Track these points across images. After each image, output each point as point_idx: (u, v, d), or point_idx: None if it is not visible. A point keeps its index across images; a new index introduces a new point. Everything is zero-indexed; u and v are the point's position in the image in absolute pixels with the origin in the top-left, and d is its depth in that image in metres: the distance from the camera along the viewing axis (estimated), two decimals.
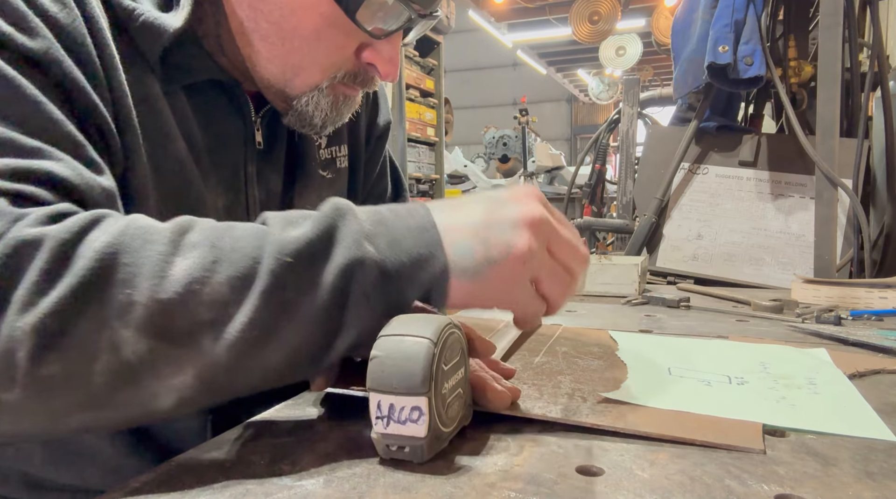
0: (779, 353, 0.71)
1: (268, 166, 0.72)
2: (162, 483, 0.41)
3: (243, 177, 0.69)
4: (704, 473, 0.42)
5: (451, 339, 0.45)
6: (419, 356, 0.42)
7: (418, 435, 0.42)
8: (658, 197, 1.59)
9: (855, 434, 0.48)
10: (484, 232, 0.50)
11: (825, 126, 1.30)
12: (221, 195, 0.67)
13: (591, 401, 0.53)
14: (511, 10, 8.09)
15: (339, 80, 0.64)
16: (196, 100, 0.64)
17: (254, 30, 0.62)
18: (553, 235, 0.52)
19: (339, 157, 0.81)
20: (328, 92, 0.65)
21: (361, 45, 0.63)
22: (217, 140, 0.66)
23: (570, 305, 1.08)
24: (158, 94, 0.60)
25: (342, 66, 0.64)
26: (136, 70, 0.59)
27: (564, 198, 3.41)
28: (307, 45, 0.61)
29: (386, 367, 0.43)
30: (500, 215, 0.51)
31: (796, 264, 1.43)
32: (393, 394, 0.42)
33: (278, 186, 0.74)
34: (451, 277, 0.48)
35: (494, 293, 0.50)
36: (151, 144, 0.59)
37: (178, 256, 0.43)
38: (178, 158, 0.62)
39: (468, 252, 0.49)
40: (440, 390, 0.44)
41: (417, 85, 3.57)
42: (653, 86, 9.84)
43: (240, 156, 0.69)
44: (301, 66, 0.63)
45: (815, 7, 1.60)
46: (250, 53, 0.63)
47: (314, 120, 0.66)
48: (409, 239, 0.48)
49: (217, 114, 0.66)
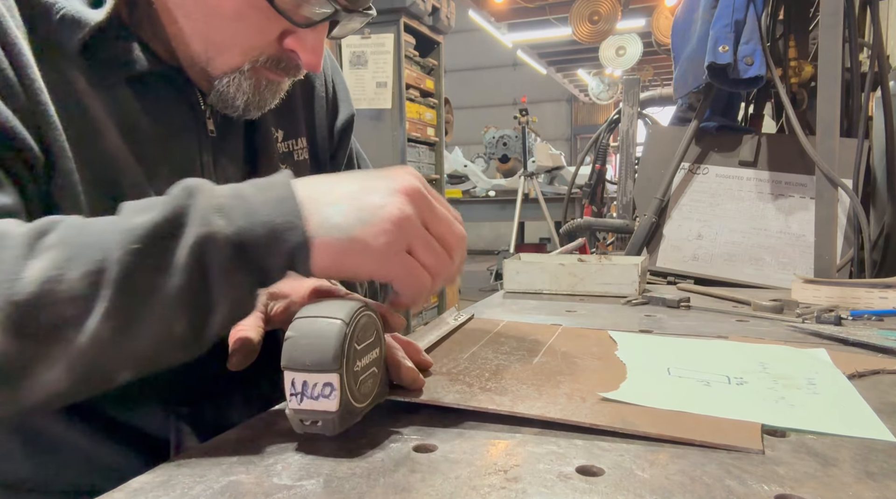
0: (778, 353, 0.71)
1: (224, 156, 0.72)
2: (162, 483, 0.41)
3: (199, 166, 0.69)
4: (704, 473, 0.42)
5: (364, 320, 0.48)
6: (331, 335, 0.45)
7: (330, 409, 0.45)
8: (658, 197, 1.59)
9: (854, 434, 0.48)
10: (357, 196, 0.50)
11: (825, 126, 1.29)
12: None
13: (590, 401, 0.53)
14: (511, 10, 8.09)
15: (262, 64, 0.65)
16: (141, 92, 0.65)
17: (179, 6, 0.63)
18: (429, 207, 0.52)
19: (296, 150, 0.81)
20: (250, 75, 0.65)
21: (285, 32, 0.64)
22: (168, 129, 0.66)
23: (569, 304, 1.08)
24: (84, 89, 0.60)
25: (264, 50, 0.64)
26: (55, 66, 0.59)
27: (564, 198, 3.41)
28: (228, 24, 0.62)
29: (299, 346, 0.46)
30: (375, 184, 0.52)
31: (796, 264, 1.43)
32: (306, 371, 0.45)
33: (237, 175, 0.74)
34: (315, 244, 0.49)
35: (366, 259, 0.50)
36: (78, 138, 0.60)
37: (32, 259, 0.45)
38: (109, 152, 0.62)
39: (339, 212, 0.49)
40: (352, 368, 0.47)
41: (417, 85, 3.57)
42: (653, 86, 9.84)
43: (193, 145, 0.69)
44: (223, 46, 0.64)
45: (815, 7, 1.60)
46: (175, 31, 0.64)
47: (236, 101, 0.66)
48: (265, 209, 0.49)
49: (165, 104, 0.67)
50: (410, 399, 0.53)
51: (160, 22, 0.65)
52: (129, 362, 0.48)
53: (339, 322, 0.46)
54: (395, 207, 0.50)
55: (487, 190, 5.90)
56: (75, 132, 0.59)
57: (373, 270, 0.51)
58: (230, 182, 0.70)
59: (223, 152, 0.72)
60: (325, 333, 0.45)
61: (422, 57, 3.65)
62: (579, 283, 1.18)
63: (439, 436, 0.49)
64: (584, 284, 1.17)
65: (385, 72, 3.30)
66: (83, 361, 0.46)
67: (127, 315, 0.46)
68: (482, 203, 5.85)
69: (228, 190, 0.50)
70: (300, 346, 0.45)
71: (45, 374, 0.45)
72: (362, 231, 0.49)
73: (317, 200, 0.50)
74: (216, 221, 0.47)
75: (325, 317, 0.46)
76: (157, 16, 0.64)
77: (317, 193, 0.51)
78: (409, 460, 0.44)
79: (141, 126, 0.64)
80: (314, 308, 0.48)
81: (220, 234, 0.47)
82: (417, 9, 3.32)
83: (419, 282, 0.52)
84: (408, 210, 0.50)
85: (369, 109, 3.36)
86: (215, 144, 0.71)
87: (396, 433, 0.49)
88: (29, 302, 0.44)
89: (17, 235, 0.47)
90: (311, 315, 0.47)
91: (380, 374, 0.52)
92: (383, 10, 3.20)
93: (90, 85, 0.61)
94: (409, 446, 0.47)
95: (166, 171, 0.66)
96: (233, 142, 0.74)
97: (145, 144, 0.64)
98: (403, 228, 0.50)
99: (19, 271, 0.44)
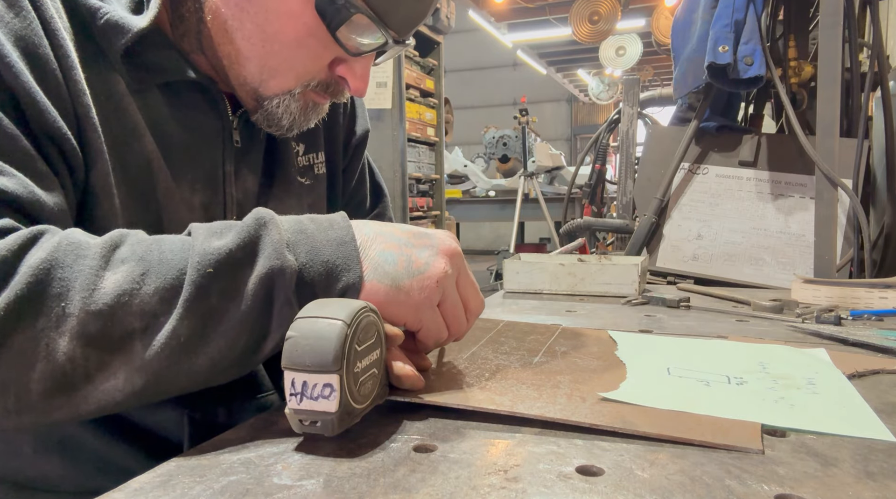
0: (778, 353, 0.71)
1: (245, 166, 0.74)
2: (162, 483, 0.41)
3: (221, 175, 0.71)
4: (704, 473, 0.42)
5: (365, 321, 0.48)
6: (332, 336, 0.45)
7: (329, 410, 0.45)
8: (658, 197, 1.59)
9: (854, 434, 0.48)
10: (407, 249, 0.55)
11: (825, 126, 1.29)
12: (199, 192, 0.69)
13: (590, 401, 0.53)
14: (511, 10, 8.09)
15: (312, 88, 0.68)
16: (173, 98, 0.67)
17: (237, 28, 0.64)
18: (463, 271, 0.58)
19: (316, 163, 0.84)
20: (299, 97, 0.68)
21: (336, 59, 0.67)
22: (195, 137, 0.68)
23: (570, 305, 1.08)
24: (124, 92, 0.62)
25: (316, 76, 0.67)
26: (97, 69, 0.61)
27: (564, 198, 3.41)
28: (287, 50, 0.64)
29: (300, 346, 0.45)
30: (422, 241, 0.56)
31: (796, 264, 1.43)
32: (306, 372, 0.45)
33: (255, 186, 0.76)
34: (366, 286, 0.53)
35: (405, 308, 0.54)
36: (116, 140, 0.61)
37: (108, 270, 0.47)
38: (144, 155, 0.63)
39: (391, 261, 0.54)
40: (352, 369, 0.46)
41: (417, 85, 3.56)
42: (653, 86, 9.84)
43: (217, 154, 0.71)
44: (278, 70, 0.66)
45: (815, 7, 1.60)
46: (230, 51, 0.66)
47: (282, 121, 0.69)
48: (327, 249, 0.53)
49: (194, 112, 0.68)
50: (410, 399, 0.53)
51: (212, 41, 0.66)
52: (185, 378, 0.50)
53: (341, 323, 0.46)
54: (440, 266, 0.55)
55: (487, 190, 5.90)
56: (113, 135, 0.61)
57: (408, 317, 0.55)
58: (249, 192, 0.75)
59: (245, 163, 0.74)
60: (325, 334, 0.45)
61: (422, 57, 3.65)
62: (579, 283, 1.18)
63: (439, 436, 0.49)
64: (584, 284, 1.17)
65: (385, 72, 3.30)
66: (144, 374, 0.47)
67: (194, 334, 0.48)
68: (482, 203, 5.85)
69: (293, 224, 0.54)
70: (300, 346, 0.45)
71: (104, 383, 0.47)
72: (409, 283, 0.53)
73: (370, 246, 0.54)
74: (287, 256, 0.50)
75: (326, 318, 0.46)
76: (210, 34, 0.66)
77: (371, 239, 0.55)
78: (409, 460, 0.44)
79: (170, 131, 0.66)
80: (315, 308, 0.48)
81: (289, 269, 0.50)
82: None
83: (439, 335, 0.57)
84: (450, 270, 0.55)
85: (369, 109, 3.34)
86: (238, 154, 0.73)
87: (396, 433, 0.49)
88: (103, 313, 0.46)
89: (94, 245, 0.49)
90: (312, 315, 0.47)
91: (380, 375, 0.52)
92: None
93: (129, 89, 0.63)
94: (409, 446, 0.47)
95: (190, 176, 0.68)
96: (254, 154, 0.76)
97: (173, 149, 0.66)
98: (441, 286, 0.54)
99: (97, 282, 0.46)
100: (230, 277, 0.49)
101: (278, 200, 0.78)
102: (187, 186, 0.67)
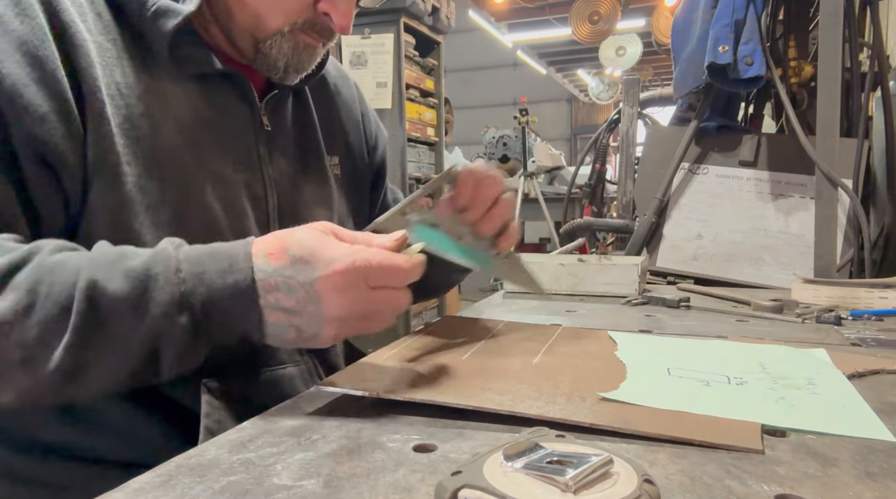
0: (778, 353, 0.71)
1: (276, 149, 0.80)
2: (162, 483, 0.41)
3: (256, 156, 0.77)
4: (704, 473, 0.42)
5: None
6: None
7: None
8: (658, 197, 1.59)
9: (854, 434, 0.48)
10: (296, 319, 0.55)
11: (825, 126, 1.29)
12: (241, 173, 0.74)
13: (590, 401, 0.53)
14: (511, 10, 8.08)
15: (299, 27, 0.73)
16: (206, 88, 0.73)
17: None
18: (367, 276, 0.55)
19: (332, 165, 0.89)
20: (289, 37, 0.73)
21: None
22: (230, 122, 0.75)
23: (570, 304, 1.08)
24: (161, 83, 0.69)
25: (302, 13, 0.73)
26: (139, 59, 0.68)
27: (564, 198, 3.40)
28: None
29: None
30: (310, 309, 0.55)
31: (796, 264, 1.43)
32: None
33: (289, 169, 0.81)
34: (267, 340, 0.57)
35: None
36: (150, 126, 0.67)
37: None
38: (183, 138, 0.69)
39: (282, 334, 0.56)
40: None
41: (417, 85, 3.56)
42: (653, 86, 9.83)
43: (251, 137, 0.77)
44: (269, 10, 0.72)
45: (815, 7, 1.60)
46: (228, 1, 0.72)
47: (277, 63, 0.75)
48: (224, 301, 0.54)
49: (226, 98, 0.75)
50: (410, 399, 0.53)
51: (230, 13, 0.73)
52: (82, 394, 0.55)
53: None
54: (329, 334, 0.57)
55: None
56: (152, 120, 0.67)
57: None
58: (283, 174, 0.81)
59: (276, 146, 0.80)
60: None
61: (422, 57, 3.65)
62: (579, 283, 1.18)
63: (439, 436, 0.49)
64: (584, 284, 1.17)
65: (385, 72, 3.30)
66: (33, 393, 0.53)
67: (74, 373, 0.52)
68: None
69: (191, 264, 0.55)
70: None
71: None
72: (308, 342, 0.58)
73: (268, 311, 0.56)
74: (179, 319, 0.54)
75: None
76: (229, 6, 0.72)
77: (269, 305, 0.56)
78: (409, 460, 0.44)
79: (208, 117, 0.72)
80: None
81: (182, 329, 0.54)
82: (417, 9, 3.32)
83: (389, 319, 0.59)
84: (339, 333, 0.57)
85: None
86: (269, 137, 0.79)
87: (396, 433, 0.49)
88: None
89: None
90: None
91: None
92: (383, 10, 3.20)
93: (169, 79, 0.69)
94: (409, 446, 0.47)
95: (231, 157, 0.74)
96: (283, 138, 0.82)
97: (212, 133, 0.72)
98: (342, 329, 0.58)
99: None
100: (114, 330, 0.52)
101: (315, 185, 0.84)
102: (230, 167, 0.73)
